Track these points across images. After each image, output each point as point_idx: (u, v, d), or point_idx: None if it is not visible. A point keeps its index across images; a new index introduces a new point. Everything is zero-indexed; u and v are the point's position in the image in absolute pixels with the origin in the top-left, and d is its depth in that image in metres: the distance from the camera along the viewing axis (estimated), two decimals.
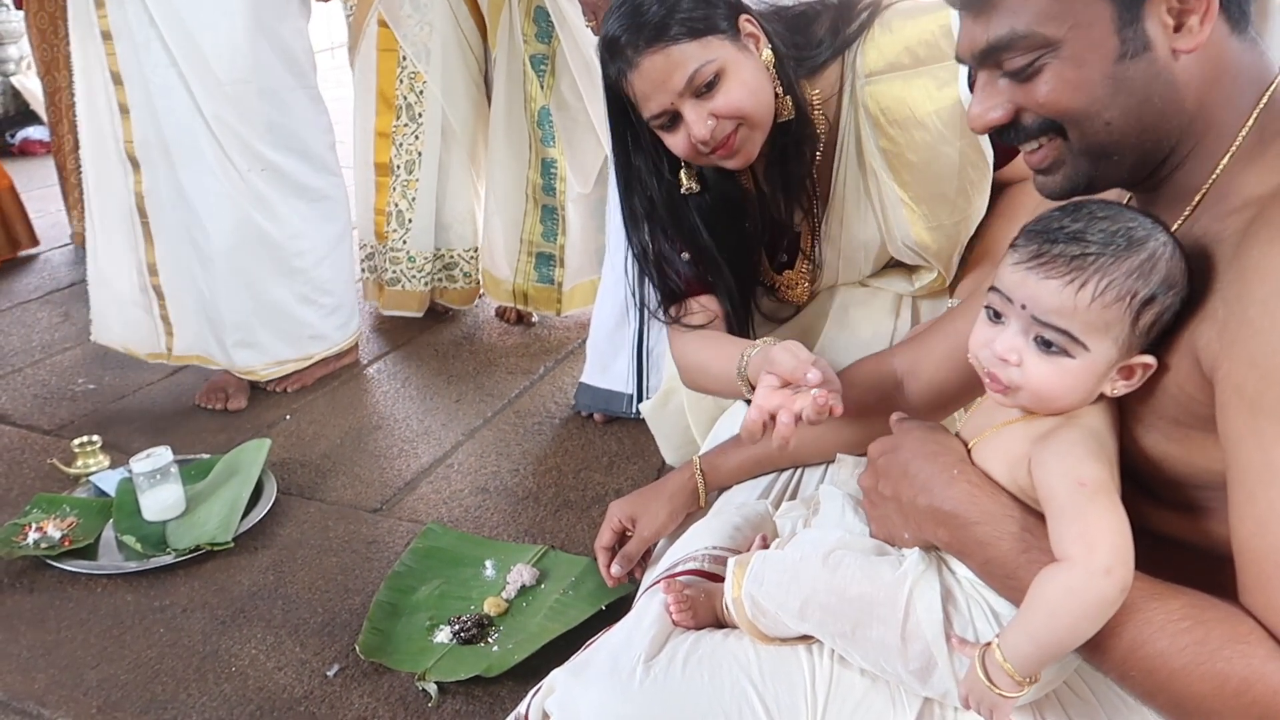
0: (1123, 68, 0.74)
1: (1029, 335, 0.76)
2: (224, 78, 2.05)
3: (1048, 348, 0.76)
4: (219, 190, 2.13)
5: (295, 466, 2.05)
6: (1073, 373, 0.75)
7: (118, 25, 1.99)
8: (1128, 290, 0.72)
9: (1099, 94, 0.75)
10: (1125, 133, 0.76)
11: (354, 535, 1.80)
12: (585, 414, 2.21)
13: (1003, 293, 0.78)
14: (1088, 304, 0.73)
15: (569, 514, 1.84)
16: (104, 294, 2.26)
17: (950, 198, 1.27)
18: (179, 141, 2.07)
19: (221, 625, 1.57)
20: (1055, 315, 0.74)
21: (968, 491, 0.80)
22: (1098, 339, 0.74)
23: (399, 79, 2.53)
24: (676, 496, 1.18)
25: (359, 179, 2.68)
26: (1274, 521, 0.66)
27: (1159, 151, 0.77)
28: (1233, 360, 0.68)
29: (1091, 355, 0.74)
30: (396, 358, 2.59)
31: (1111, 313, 0.73)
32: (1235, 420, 0.68)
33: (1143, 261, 0.73)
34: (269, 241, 2.22)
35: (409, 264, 2.69)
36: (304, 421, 2.24)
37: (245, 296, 2.23)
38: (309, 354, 2.37)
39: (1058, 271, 0.74)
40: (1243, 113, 0.75)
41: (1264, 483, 0.66)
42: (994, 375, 0.79)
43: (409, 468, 2.04)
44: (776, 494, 1.15)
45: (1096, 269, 0.73)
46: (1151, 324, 0.74)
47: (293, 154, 2.21)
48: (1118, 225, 0.74)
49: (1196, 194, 0.77)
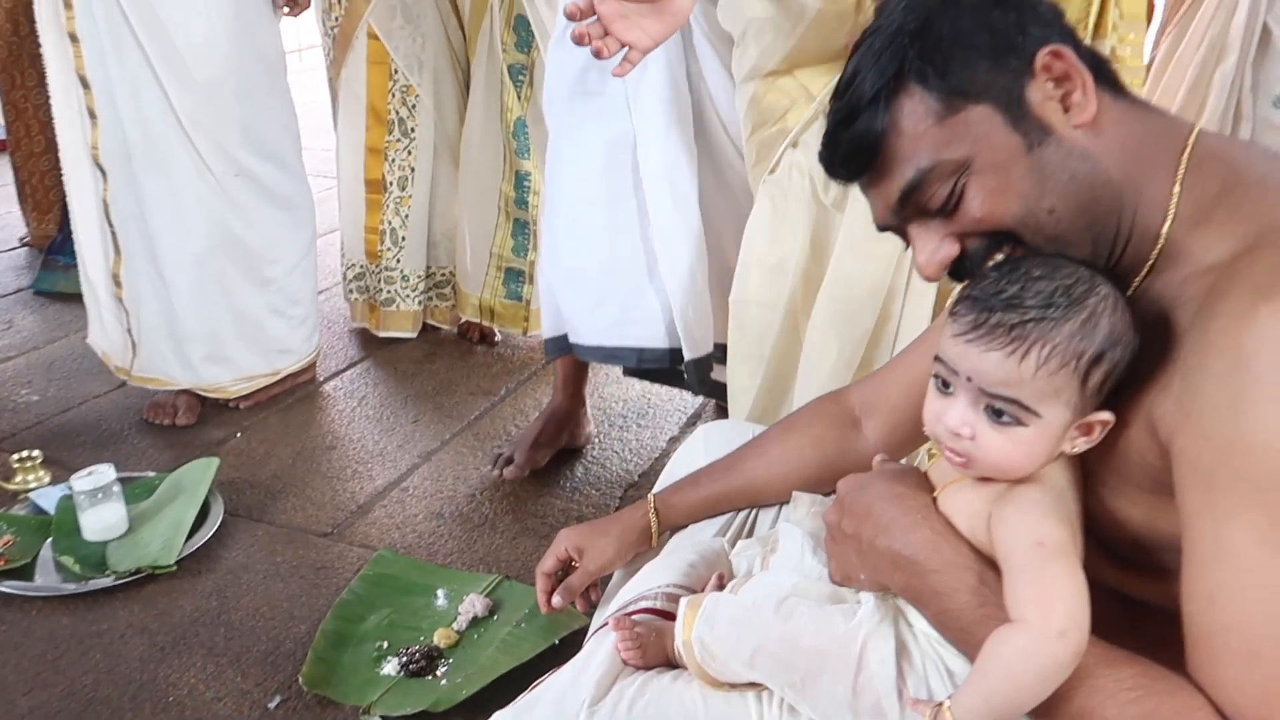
0: (1036, 157, 0.75)
1: (979, 406, 0.75)
2: (200, 77, 2.01)
3: (999, 417, 0.74)
4: (194, 194, 2.08)
5: (244, 487, 2.00)
6: (1027, 441, 0.74)
7: (85, 28, 1.95)
8: (1072, 353, 0.71)
9: (1028, 189, 0.75)
10: (1071, 215, 0.76)
11: (302, 560, 1.75)
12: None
13: (947, 364, 0.76)
14: (1033, 373, 0.72)
15: (526, 542, 1.81)
16: (91, 297, 2.21)
17: None
18: (150, 145, 2.03)
19: (161, 652, 1.52)
20: (1002, 386, 0.73)
21: (929, 538, 0.79)
22: (1049, 405, 0.73)
23: (391, 93, 2.48)
24: (627, 534, 1.16)
25: (348, 197, 2.62)
26: (1222, 598, 0.65)
27: (1108, 226, 0.77)
28: (1188, 434, 0.68)
29: (1044, 421, 0.73)
30: (354, 375, 2.55)
31: (1059, 378, 0.72)
32: (1189, 494, 0.68)
33: (1084, 321, 0.72)
34: (244, 248, 2.18)
35: (403, 283, 2.64)
36: (255, 440, 2.19)
37: (217, 306, 2.18)
38: (277, 369, 2.33)
39: (998, 343, 0.72)
40: (1167, 171, 0.76)
41: (1214, 558, 0.66)
42: (950, 449, 0.78)
43: (362, 491, 1.99)
44: (733, 532, 1.13)
45: (1037, 336, 0.72)
46: (1102, 382, 0.73)
47: (266, 159, 2.17)
48: (1055, 284, 0.73)
49: (1148, 260, 0.77)
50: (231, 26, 2.03)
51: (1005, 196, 0.76)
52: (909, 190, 0.78)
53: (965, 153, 0.76)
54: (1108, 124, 0.77)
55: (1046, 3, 0.81)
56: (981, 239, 0.78)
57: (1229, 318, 0.66)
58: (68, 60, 1.98)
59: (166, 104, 2.00)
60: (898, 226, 0.83)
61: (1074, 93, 0.76)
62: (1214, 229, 0.73)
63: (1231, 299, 0.67)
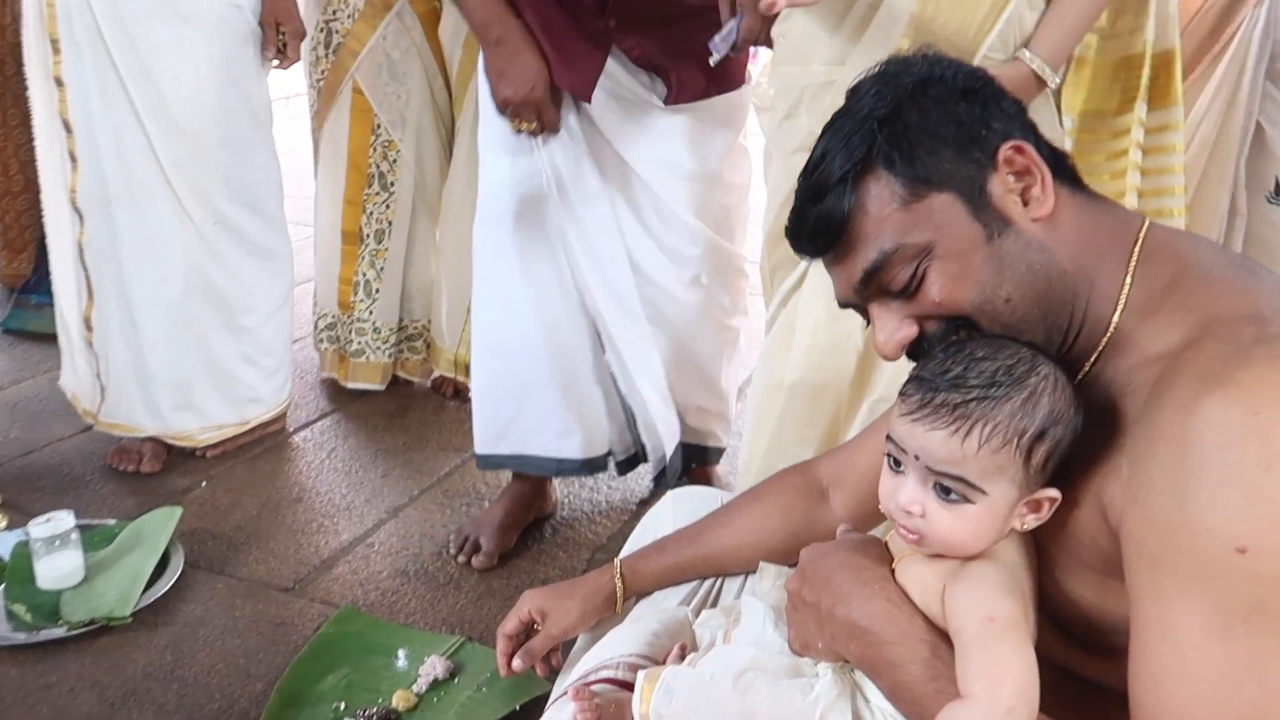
0: (996, 247, 0.78)
1: (928, 484, 0.77)
2: (186, 125, 2.03)
3: (947, 495, 0.76)
4: (172, 241, 2.09)
5: (206, 538, 1.97)
6: (975, 518, 0.76)
7: (72, 72, 1.97)
8: (1014, 431, 0.73)
9: (986, 277, 0.78)
10: (1027, 304, 0.79)
11: (262, 615, 1.72)
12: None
13: (897, 443, 0.79)
14: (976, 451, 0.74)
15: (491, 603, 1.79)
16: (65, 339, 2.20)
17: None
18: (130, 191, 2.03)
19: (111, 708, 1.48)
20: (947, 464, 0.75)
21: (885, 609, 0.80)
22: (994, 482, 0.75)
23: (372, 147, 2.50)
24: (592, 599, 1.15)
25: (323, 247, 2.62)
26: (1167, 680, 0.66)
27: (1062, 315, 0.80)
28: (1135, 519, 0.70)
29: (991, 498, 0.75)
30: (324, 426, 2.53)
31: (1002, 456, 0.74)
32: (1137, 577, 0.69)
33: (1025, 399, 0.74)
34: (220, 296, 2.18)
35: (374, 335, 2.64)
36: (220, 490, 2.17)
37: (189, 353, 2.17)
38: (246, 418, 2.31)
39: (942, 422, 0.74)
40: (1119, 263, 0.79)
41: (1159, 641, 0.67)
42: (902, 526, 0.80)
43: (327, 545, 1.97)
44: (697, 602, 1.13)
45: (980, 415, 0.74)
46: (1046, 459, 0.75)
47: (247, 208, 2.18)
48: (998, 364, 0.75)
49: (1097, 348, 0.79)
50: (220, 77, 2.05)
51: (964, 283, 0.78)
52: (872, 270, 0.80)
53: (928, 238, 0.78)
54: (1064, 217, 0.80)
55: (1010, 98, 0.84)
56: (940, 322, 0.81)
57: (1175, 407, 0.68)
58: (52, 104, 1.99)
59: (150, 151, 2.01)
60: (859, 305, 0.85)
61: (1033, 187, 0.79)
62: (1162, 319, 0.75)
63: (1178, 388, 0.69)
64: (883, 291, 0.81)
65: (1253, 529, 0.63)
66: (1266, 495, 0.63)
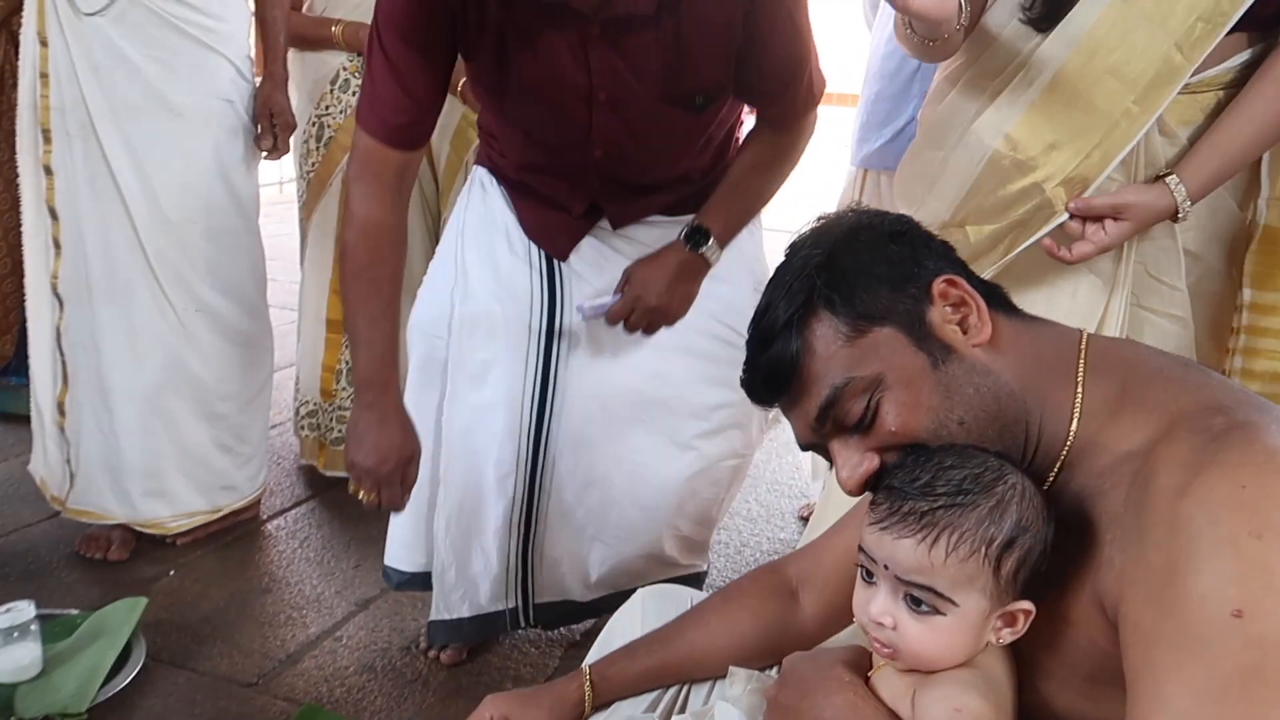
0: (942, 373, 0.81)
1: (898, 595, 0.77)
2: (173, 216, 2.06)
3: (918, 606, 0.76)
4: (151, 329, 2.09)
5: (171, 629, 1.92)
6: (947, 630, 0.76)
7: (61, 161, 2.00)
8: (981, 540, 0.74)
9: (938, 403, 0.81)
10: (980, 426, 0.81)
11: (222, 712, 1.68)
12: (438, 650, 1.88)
13: (867, 553, 0.79)
14: (944, 560, 0.74)
15: (459, 703, 1.74)
16: (38, 423, 2.18)
17: None
18: (112, 278, 2.05)
19: None
20: (916, 574, 0.75)
21: (850, 701, 0.81)
22: (964, 593, 0.75)
23: None
24: (559, 706, 1.12)
25: (308, 334, 2.63)
26: None
27: (1017, 432, 0.82)
28: (1131, 601, 0.70)
29: (961, 610, 0.75)
30: (299, 514, 2.50)
31: (970, 565, 0.74)
32: (1133, 656, 0.69)
33: (993, 507, 0.75)
34: (197, 384, 2.17)
35: None
36: (188, 579, 2.13)
37: (163, 440, 2.15)
38: (219, 506, 2.28)
39: (910, 530, 0.75)
40: (1067, 376, 0.82)
41: (1153, 712, 0.66)
42: (875, 638, 0.80)
43: (294, 639, 1.92)
44: (664, 709, 1.10)
45: (946, 524, 0.74)
46: (1016, 569, 0.75)
47: (230, 297, 2.20)
48: (965, 471, 0.76)
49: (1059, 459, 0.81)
50: (209, 170, 2.09)
51: (917, 410, 0.81)
52: (826, 406, 0.82)
53: (876, 370, 0.81)
54: (1005, 340, 0.84)
55: (937, 239, 0.90)
56: (898, 452, 0.82)
57: (1162, 493, 0.70)
58: (40, 191, 2.02)
59: (135, 240, 2.03)
60: (819, 444, 0.87)
61: (970, 316, 0.83)
62: (1125, 421, 0.78)
63: (1162, 476, 0.71)
64: (840, 428, 0.84)
65: (1248, 592, 0.64)
66: (1260, 560, 0.64)
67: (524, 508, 1.72)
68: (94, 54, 1.93)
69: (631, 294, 1.59)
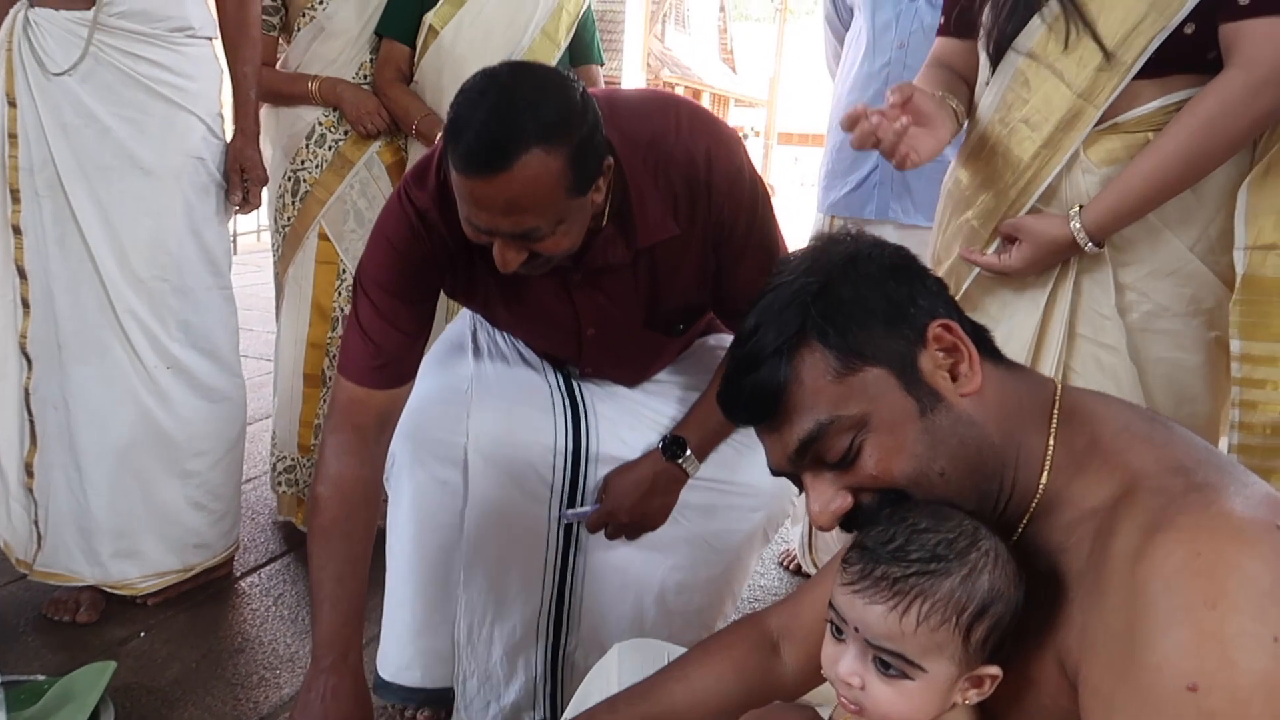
0: (929, 421, 0.80)
1: (867, 657, 0.77)
2: (143, 274, 2.04)
3: (886, 669, 0.76)
4: (122, 387, 2.07)
5: (141, 693, 1.88)
6: (915, 694, 0.75)
7: (30, 221, 1.98)
8: (953, 609, 0.74)
9: (921, 450, 0.80)
10: (960, 477, 0.80)
11: None
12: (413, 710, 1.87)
13: (838, 612, 0.79)
14: (914, 629, 0.74)
15: None
16: (1, 485, 2.13)
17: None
18: (83, 337, 2.03)
19: None
20: (886, 640, 0.75)
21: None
22: (932, 659, 0.74)
23: (337, 291, 2.53)
24: None
25: (284, 389, 2.61)
26: None
27: (993, 484, 0.82)
28: (1090, 664, 0.71)
29: (930, 676, 0.75)
30: (273, 570, 2.46)
31: (940, 634, 0.74)
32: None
33: (965, 576, 0.74)
34: (167, 441, 2.14)
35: None
36: (159, 640, 2.08)
37: (134, 499, 2.12)
38: (191, 564, 2.24)
39: (881, 596, 0.75)
40: (1040, 428, 0.82)
41: None
42: (843, 696, 0.79)
43: (266, 700, 1.89)
44: None
45: (918, 591, 0.74)
46: (986, 637, 0.75)
47: (201, 353, 2.18)
48: (939, 536, 0.76)
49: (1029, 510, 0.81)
50: (180, 227, 2.08)
51: (900, 456, 0.80)
52: (808, 440, 0.81)
53: (862, 410, 0.80)
54: (989, 390, 0.83)
55: (933, 276, 0.88)
56: (874, 494, 0.82)
57: (1121, 556, 0.70)
58: (8, 250, 2.00)
59: (105, 298, 2.02)
60: (792, 474, 0.86)
61: (961, 364, 0.82)
62: (1090, 475, 0.78)
63: (1120, 537, 0.71)
64: (818, 462, 0.82)
65: (1202, 665, 0.64)
66: (1213, 632, 0.64)
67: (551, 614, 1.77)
68: (63, 114, 1.93)
69: (606, 508, 1.62)
